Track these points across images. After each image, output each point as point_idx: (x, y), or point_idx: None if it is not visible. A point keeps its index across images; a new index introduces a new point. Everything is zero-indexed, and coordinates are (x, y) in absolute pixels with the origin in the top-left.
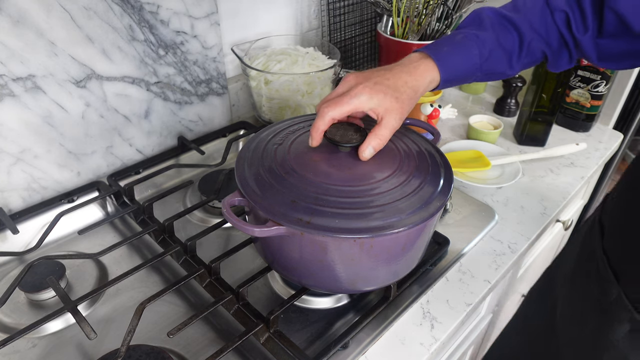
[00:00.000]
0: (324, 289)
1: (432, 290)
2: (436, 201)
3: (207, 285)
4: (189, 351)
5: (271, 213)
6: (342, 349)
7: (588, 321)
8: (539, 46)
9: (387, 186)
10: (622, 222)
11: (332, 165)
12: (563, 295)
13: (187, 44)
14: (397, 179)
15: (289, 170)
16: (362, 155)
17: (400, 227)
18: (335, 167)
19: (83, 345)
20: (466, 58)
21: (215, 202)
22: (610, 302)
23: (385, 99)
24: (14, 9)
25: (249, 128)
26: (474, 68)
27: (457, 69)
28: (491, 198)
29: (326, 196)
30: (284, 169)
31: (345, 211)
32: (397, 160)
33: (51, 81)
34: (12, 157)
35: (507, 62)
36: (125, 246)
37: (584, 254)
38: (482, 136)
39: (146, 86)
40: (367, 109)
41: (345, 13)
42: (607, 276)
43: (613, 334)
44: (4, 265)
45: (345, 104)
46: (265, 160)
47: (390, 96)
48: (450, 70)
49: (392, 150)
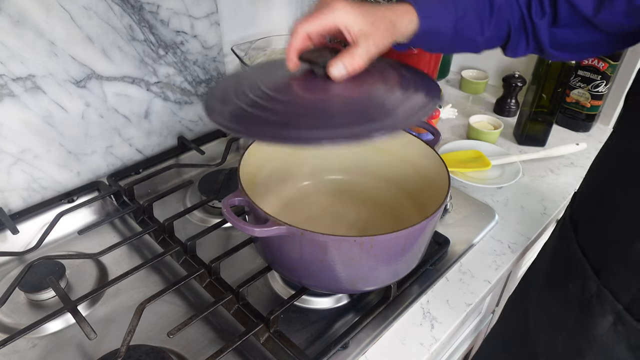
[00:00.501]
0: (324, 289)
1: (432, 290)
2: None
3: (207, 285)
4: (189, 351)
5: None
6: (342, 349)
7: (566, 321)
8: (506, 17)
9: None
10: (595, 214)
11: (309, 89)
12: (536, 302)
13: (187, 43)
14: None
15: (262, 95)
16: (330, 72)
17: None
18: (312, 91)
19: (83, 345)
20: (442, 8)
21: (215, 202)
22: (589, 298)
23: (361, 19)
24: (14, 9)
25: None
26: (449, 23)
27: (433, 18)
28: (491, 198)
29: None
30: (257, 95)
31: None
32: (378, 82)
33: (51, 81)
34: (12, 157)
35: (479, 26)
36: (125, 246)
37: (558, 255)
38: (482, 136)
39: (146, 86)
40: (342, 25)
41: None
42: (584, 272)
43: (595, 329)
44: (4, 265)
45: (319, 17)
46: (239, 92)
47: (367, 19)
48: (426, 16)
49: (373, 75)
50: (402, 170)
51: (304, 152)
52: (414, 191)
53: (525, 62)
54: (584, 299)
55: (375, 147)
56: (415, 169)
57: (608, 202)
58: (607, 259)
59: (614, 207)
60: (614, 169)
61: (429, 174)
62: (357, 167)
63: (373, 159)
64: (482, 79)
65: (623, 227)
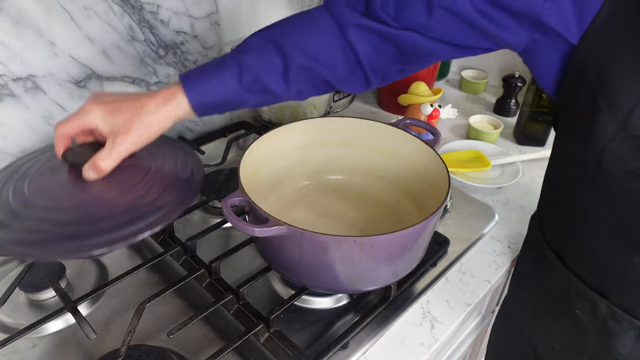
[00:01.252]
0: (324, 289)
1: (432, 290)
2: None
3: (207, 285)
4: (189, 351)
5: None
6: (342, 349)
7: (586, 346)
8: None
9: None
10: (574, 236)
11: (68, 185)
12: (540, 335)
13: (187, 44)
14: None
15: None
16: (85, 176)
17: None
18: (68, 188)
19: (83, 345)
20: (219, 80)
21: (215, 202)
22: (604, 320)
23: (111, 119)
24: (14, 9)
25: (249, 128)
26: (235, 90)
27: (211, 93)
28: (491, 198)
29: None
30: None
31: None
32: (134, 178)
33: (51, 81)
34: (12, 157)
35: (280, 82)
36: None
37: (546, 286)
38: (482, 136)
39: (146, 86)
40: (93, 126)
41: None
42: (587, 295)
43: (617, 348)
44: (4, 265)
45: (73, 119)
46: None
47: (117, 119)
48: (201, 94)
49: (132, 169)
50: (402, 170)
51: (304, 152)
52: (414, 191)
53: None
54: (597, 322)
55: (375, 148)
56: (415, 169)
57: (584, 221)
58: (609, 279)
59: (593, 227)
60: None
61: (429, 174)
62: (357, 167)
63: (373, 159)
64: (482, 79)
65: (612, 245)
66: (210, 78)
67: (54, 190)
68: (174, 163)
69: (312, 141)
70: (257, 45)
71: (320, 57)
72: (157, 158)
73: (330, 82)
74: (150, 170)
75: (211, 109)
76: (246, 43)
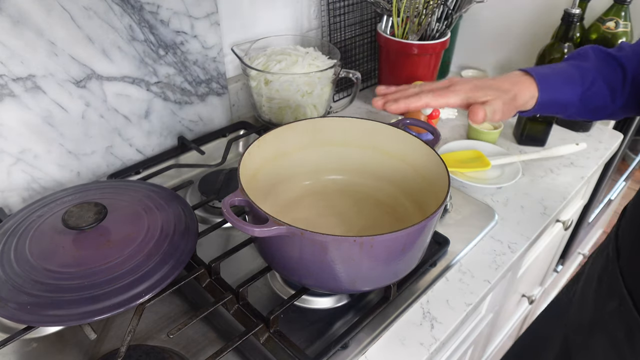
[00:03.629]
0: (324, 289)
1: (432, 290)
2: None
3: (207, 285)
4: (189, 351)
5: None
6: (342, 349)
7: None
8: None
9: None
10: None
11: (68, 249)
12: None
13: (187, 44)
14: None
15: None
16: (474, 118)
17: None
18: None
19: (83, 345)
20: (566, 81)
21: (215, 202)
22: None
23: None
24: (14, 9)
25: (249, 128)
26: (574, 94)
27: (556, 91)
28: (491, 198)
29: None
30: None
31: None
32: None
33: (51, 81)
34: (12, 157)
35: (609, 96)
36: None
37: (601, 299)
38: (482, 136)
39: (146, 86)
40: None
41: (345, 13)
42: (634, 319)
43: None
44: None
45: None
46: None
47: (492, 92)
48: (549, 91)
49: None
50: (402, 170)
51: (304, 153)
52: (414, 191)
53: (524, 60)
54: (637, 343)
55: (375, 148)
56: (415, 169)
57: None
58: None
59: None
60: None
61: (429, 174)
62: (357, 167)
63: (373, 159)
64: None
65: None
66: (560, 75)
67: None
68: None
69: (312, 141)
70: (595, 56)
71: None
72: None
73: None
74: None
75: (546, 107)
76: (585, 52)
